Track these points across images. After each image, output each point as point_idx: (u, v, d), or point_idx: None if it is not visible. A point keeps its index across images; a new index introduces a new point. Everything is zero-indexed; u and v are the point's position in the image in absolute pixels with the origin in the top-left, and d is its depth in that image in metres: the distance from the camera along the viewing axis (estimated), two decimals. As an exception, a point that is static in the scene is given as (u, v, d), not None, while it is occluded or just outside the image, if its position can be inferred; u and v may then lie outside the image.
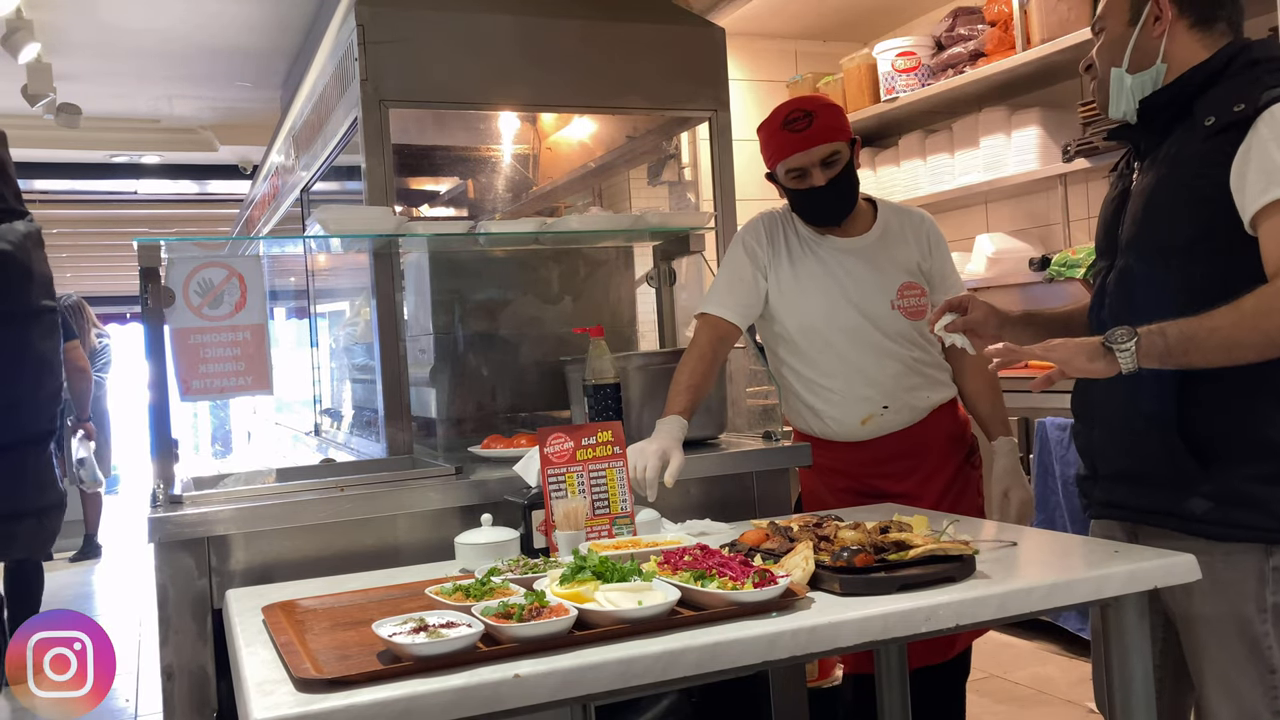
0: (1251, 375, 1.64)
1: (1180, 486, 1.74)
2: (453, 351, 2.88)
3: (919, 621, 1.47)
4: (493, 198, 4.55)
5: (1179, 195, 1.71)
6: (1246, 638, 1.71)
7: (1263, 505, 1.68)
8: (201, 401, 4.37)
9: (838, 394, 2.41)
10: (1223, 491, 1.70)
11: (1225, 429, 1.70)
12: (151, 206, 10.36)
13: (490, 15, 3.10)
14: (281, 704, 1.22)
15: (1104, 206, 1.96)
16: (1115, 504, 1.88)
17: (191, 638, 1.97)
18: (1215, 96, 1.70)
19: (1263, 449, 1.68)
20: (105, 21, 5.90)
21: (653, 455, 2.09)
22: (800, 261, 2.44)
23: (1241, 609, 1.71)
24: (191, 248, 2.27)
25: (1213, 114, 1.68)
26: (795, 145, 2.33)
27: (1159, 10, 1.78)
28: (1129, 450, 1.82)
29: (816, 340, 2.42)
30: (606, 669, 1.31)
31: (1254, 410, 1.68)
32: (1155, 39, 1.78)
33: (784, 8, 5.13)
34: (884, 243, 2.46)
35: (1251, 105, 1.63)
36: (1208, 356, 1.61)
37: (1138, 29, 1.79)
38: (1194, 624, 1.77)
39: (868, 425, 2.41)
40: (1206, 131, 1.69)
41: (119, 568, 7.32)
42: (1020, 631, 4.01)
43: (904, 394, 2.40)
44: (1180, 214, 1.70)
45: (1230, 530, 1.70)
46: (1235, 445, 1.70)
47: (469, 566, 1.82)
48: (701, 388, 2.30)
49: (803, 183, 2.36)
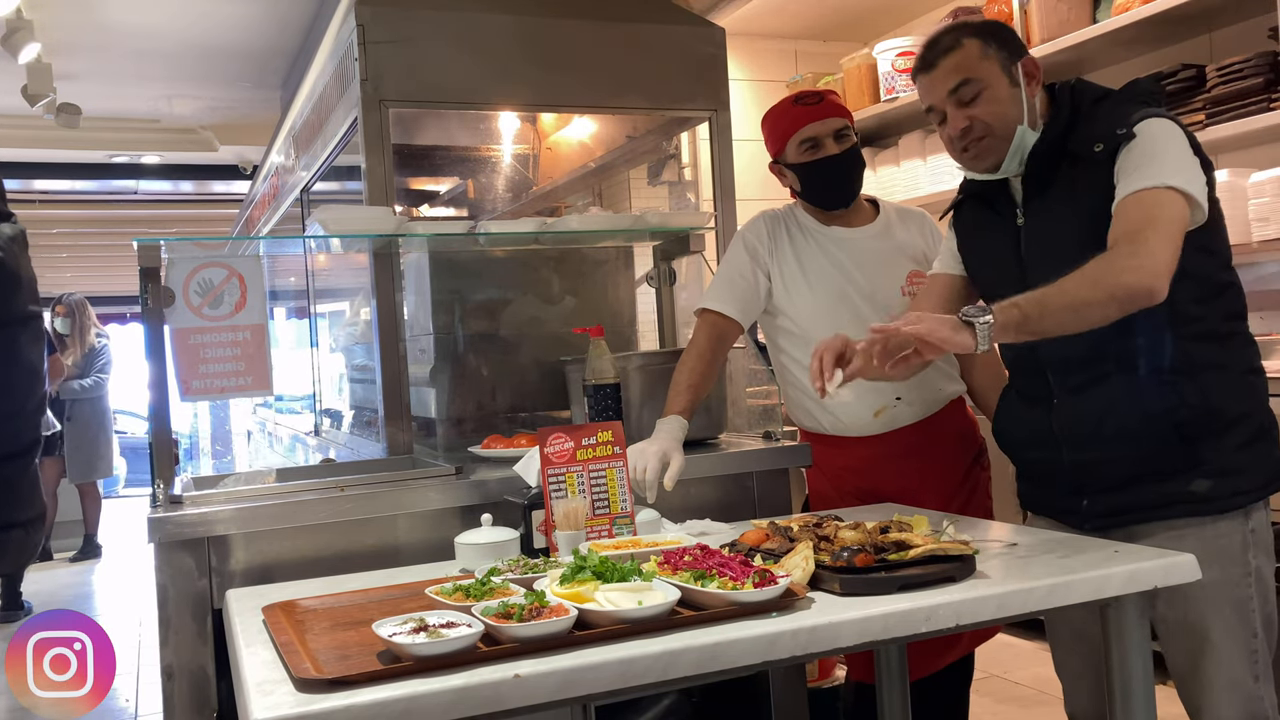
0: (1204, 354, 1.82)
1: (1176, 475, 1.83)
2: (453, 351, 2.88)
3: (919, 621, 1.47)
4: (493, 198, 4.55)
5: (1089, 225, 1.82)
6: (1234, 601, 1.82)
7: (1245, 470, 1.83)
8: (201, 401, 4.36)
9: (847, 387, 2.38)
10: (1218, 467, 1.82)
11: (1200, 410, 1.81)
12: (151, 206, 10.38)
13: (490, 15, 3.10)
14: (281, 704, 1.21)
15: (985, 251, 2.06)
16: (1111, 512, 1.91)
17: (191, 638, 1.97)
18: (1089, 131, 1.87)
19: (1234, 418, 1.83)
20: (105, 21, 5.90)
21: (653, 456, 2.08)
22: (805, 252, 2.43)
23: (1230, 573, 1.81)
24: (191, 248, 2.27)
25: (1098, 142, 1.84)
26: (810, 115, 2.38)
27: (1029, 71, 1.93)
28: (1117, 458, 1.87)
29: (825, 331, 2.37)
30: (606, 669, 1.31)
31: (1216, 385, 1.82)
32: (1033, 97, 1.93)
33: (784, 8, 5.12)
34: (889, 232, 2.47)
35: (1128, 127, 1.82)
36: (1059, 319, 1.73)
37: (1023, 88, 1.92)
38: (1188, 595, 1.79)
39: (880, 417, 2.38)
40: (1099, 157, 1.84)
41: (119, 568, 7.32)
42: (1020, 631, 4.00)
43: (917, 384, 2.38)
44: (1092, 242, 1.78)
45: (1229, 500, 1.82)
46: (1213, 422, 1.82)
47: (469, 566, 1.82)
48: (701, 387, 2.30)
49: (817, 153, 2.38)
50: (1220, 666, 1.81)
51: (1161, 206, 1.74)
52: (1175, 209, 1.75)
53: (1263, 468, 1.85)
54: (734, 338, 2.42)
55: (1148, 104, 1.88)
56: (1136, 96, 1.92)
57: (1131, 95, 1.93)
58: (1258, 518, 1.85)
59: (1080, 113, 1.91)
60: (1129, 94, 1.93)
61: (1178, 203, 1.75)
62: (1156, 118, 1.83)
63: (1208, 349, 1.83)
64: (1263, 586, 1.83)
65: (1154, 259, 1.69)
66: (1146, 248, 1.70)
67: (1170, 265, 1.70)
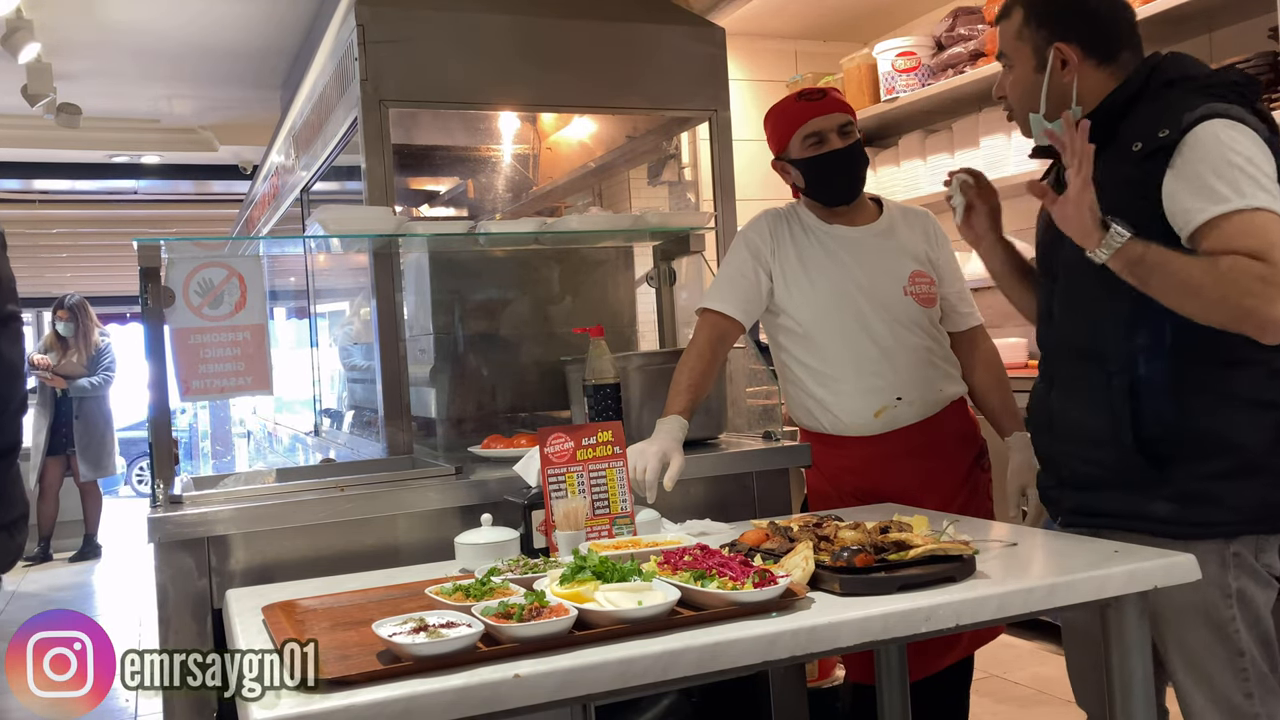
0: (1199, 376, 1.72)
1: (1141, 490, 1.77)
2: (453, 351, 2.88)
3: (919, 621, 1.46)
4: (493, 198, 4.55)
5: (1119, 216, 1.72)
6: (1212, 623, 1.75)
7: (1221, 501, 1.73)
8: (201, 401, 4.36)
9: (849, 385, 2.38)
10: (1183, 493, 1.74)
11: (1179, 431, 1.73)
12: (151, 206, 10.37)
13: (490, 15, 3.10)
14: (281, 704, 1.22)
15: (1040, 227, 1.99)
16: (1082, 511, 1.90)
17: (191, 638, 1.97)
18: (1137, 120, 1.75)
19: (1218, 447, 1.73)
20: (105, 21, 5.89)
21: (653, 457, 2.08)
22: (807, 251, 2.43)
23: (1206, 594, 1.74)
24: (191, 248, 2.26)
25: (1139, 139, 1.72)
26: (815, 110, 2.39)
27: (1064, 56, 1.81)
28: (1089, 459, 1.85)
29: (826, 330, 2.39)
30: (606, 669, 1.31)
31: (1206, 410, 1.72)
32: (1066, 83, 1.83)
33: (784, 8, 5.12)
34: (891, 232, 2.47)
35: (1175, 129, 1.67)
36: (1165, 285, 1.64)
37: (1046, 76, 1.83)
38: (1162, 613, 1.78)
39: (881, 418, 2.38)
40: (1135, 157, 1.72)
41: (119, 568, 7.32)
42: (1020, 631, 4.00)
43: (918, 385, 2.38)
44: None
45: (1193, 529, 1.74)
46: (1190, 446, 1.73)
47: (469, 566, 1.81)
48: (701, 387, 2.29)
49: (822, 147, 2.38)
50: (1203, 683, 1.78)
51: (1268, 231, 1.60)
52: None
53: (1244, 503, 1.73)
54: (735, 338, 2.41)
55: (1223, 98, 1.70)
56: (1211, 88, 1.73)
57: (1206, 86, 1.74)
58: (1245, 541, 1.74)
59: (1142, 97, 1.78)
60: (1204, 83, 1.75)
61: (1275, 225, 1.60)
62: (1217, 118, 1.66)
63: (1208, 373, 1.72)
64: (1249, 608, 1.75)
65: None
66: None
67: None
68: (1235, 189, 1.61)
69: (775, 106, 2.48)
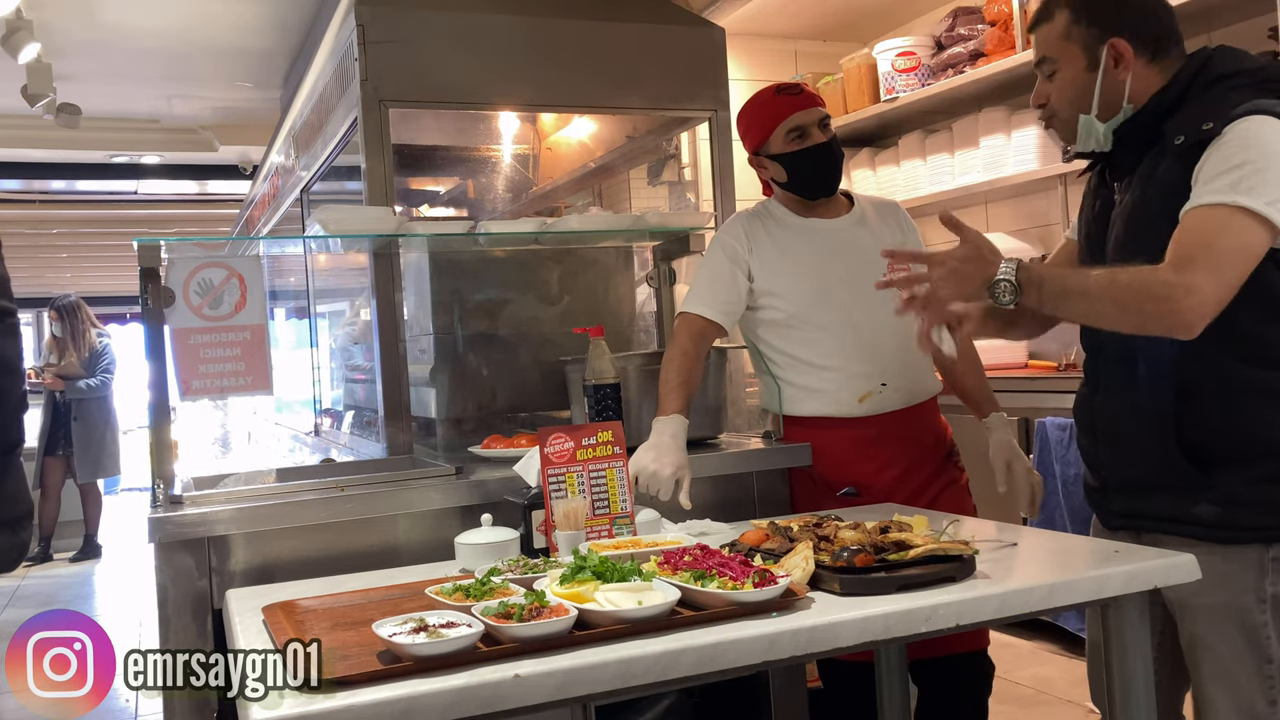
0: (1243, 379, 1.69)
1: (1185, 493, 1.75)
2: (453, 351, 2.88)
3: (919, 621, 1.47)
4: (493, 198, 4.55)
5: (1158, 216, 1.71)
6: (1245, 628, 1.73)
7: (1266, 505, 1.70)
8: (201, 401, 4.36)
9: (834, 372, 2.40)
10: (1228, 496, 1.71)
11: (1225, 434, 1.71)
12: (151, 206, 10.37)
13: (490, 15, 3.10)
14: (283, 704, 1.22)
15: (1084, 221, 1.97)
16: (1127, 514, 1.88)
17: (191, 638, 1.97)
18: (1184, 116, 1.72)
19: (1263, 450, 1.70)
20: (105, 21, 5.89)
21: (667, 481, 2.11)
22: (786, 245, 2.45)
23: (1240, 599, 1.72)
24: (191, 248, 2.27)
25: (1182, 134, 1.70)
26: (796, 105, 2.42)
27: (1118, 54, 1.78)
28: (1134, 462, 1.83)
29: (811, 320, 2.41)
30: (606, 669, 1.31)
31: (1252, 414, 1.70)
32: (1120, 82, 1.79)
33: (784, 8, 5.12)
34: (865, 222, 2.50)
35: (1220, 123, 1.65)
36: (1073, 308, 1.70)
37: (1100, 74, 1.79)
38: (1193, 613, 1.78)
39: (865, 402, 2.39)
40: (1177, 150, 1.70)
41: (119, 568, 7.32)
42: (1020, 631, 4.00)
43: (901, 370, 2.40)
44: (1163, 233, 1.68)
45: (1236, 533, 1.72)
46: (1236, 449, 1.71)
47: (469, 566, 1.82)
48: (691, 384, 2.31)
49: (804, 141, 2.40)
50: (1227, 688, 1.76)
51: (1226, 232, 1.58)
52: (1242, 236, 1.58)
53: None
54: (714, 338, 2.43)
55: (1276, 94, 1.66)
56: (1267, 83, 1.69)
57: (1256, 80, 1.70)
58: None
59: (1189, 93, 1.74)
60: (1255, 78, 1.71)
61: (1249, 229, 1.57)
62: (1263, 114, 1.62)
63: (1260, 373, 1.68)
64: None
65: (1193, 298, 1.57)
66: (1186, 284, 1.57)
67: (1216, 303, 1.58)
68: (1234, 185, 1.60)
69: (752, 101, 2.51)
